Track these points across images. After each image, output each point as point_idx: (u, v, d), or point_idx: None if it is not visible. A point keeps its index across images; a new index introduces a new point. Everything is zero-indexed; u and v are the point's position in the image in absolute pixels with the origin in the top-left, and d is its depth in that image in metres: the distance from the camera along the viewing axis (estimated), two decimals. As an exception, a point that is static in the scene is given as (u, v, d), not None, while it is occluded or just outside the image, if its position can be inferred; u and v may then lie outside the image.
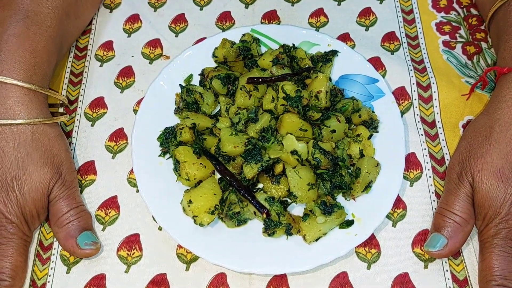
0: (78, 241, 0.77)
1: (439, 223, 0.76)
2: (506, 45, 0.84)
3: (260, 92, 0.85)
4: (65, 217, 0.78)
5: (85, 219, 0.80)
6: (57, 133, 0.83)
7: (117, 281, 0.77)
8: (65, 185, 0.80)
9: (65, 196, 0.79)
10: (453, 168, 0.79)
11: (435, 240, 0.75)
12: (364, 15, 1.02)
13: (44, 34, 0.84)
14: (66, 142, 0.85)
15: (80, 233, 0.78)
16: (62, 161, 0.81)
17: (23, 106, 0.79)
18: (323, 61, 0.90)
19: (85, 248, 0.77)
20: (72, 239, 0.77)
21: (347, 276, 0.76)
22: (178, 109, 0.88)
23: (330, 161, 0.78)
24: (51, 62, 0.86)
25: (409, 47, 0.97)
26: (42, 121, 0.80)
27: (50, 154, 0.79)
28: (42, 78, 0.83)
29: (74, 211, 0.79)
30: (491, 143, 0.76)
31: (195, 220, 0.77)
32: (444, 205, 0.77)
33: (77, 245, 0.77)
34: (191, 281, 0.77)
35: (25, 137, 0.78)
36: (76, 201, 0.80)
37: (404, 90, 0.92)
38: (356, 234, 0.76)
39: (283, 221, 0.76)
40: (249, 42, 0.91)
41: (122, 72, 0.97)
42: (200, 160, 0.81)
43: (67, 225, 0.78)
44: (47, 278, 0.78)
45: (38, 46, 0.83)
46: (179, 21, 1.03)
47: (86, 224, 0.80)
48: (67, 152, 0.83)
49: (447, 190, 0.78)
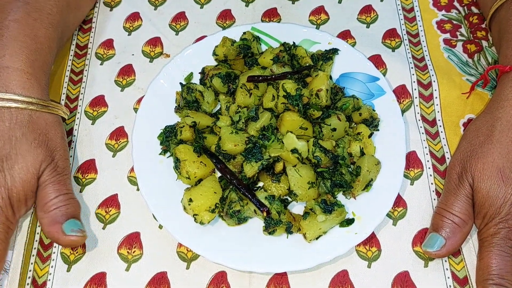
0: (64, 227, 0.74)
1: (437, 223, 0.76)
2: (509, 44, 0.84)
3: (261, 91, 0.85)
4: (52, 202, 0.75)
5: (74, 207, 0.77)
6: (55, 119, 0.82)
7: (117, 280, 0.78)
8: (57, 171, 0.78)
9: (55, 181, 0.77)
10: (454, 168, 0.79)
11: (433, 240, 0.75)
12: (365, 12, 1.01)
13: (44, 21, 0.84)
14: (64, 130, 0.84)
15: (67, 219, 0.75)
16: (56, 146, 0.79)
17: (23, 90, 0.79)
18: (324, 59, 0.90)
19: (71, 234, 0.74)
20: (57, 225, 0.74)
21: (348, 275, 0.77)
22: (179, 107, 0.88)
23: (330, 159, 0.78)
24: (52, 49, 0.86)
25: (410, 44, 0.97)
26: (40, 108, 0.79)
27: (45, 137, 0.78)
28: (43, 65, 0.83)
29: (63, 197, 0.77)
30: (493, 142, 0.76)
31: (195, 219, 0.77)
32: (443, 205, 0.77)
33: (62, 232, 0.74)
34: (191, 279, 0.77)
35: (22, 118, 0.77)
36: (66, 188, 0.78)
37: (405, 88, 0.92)
38: (356, 233, 0.76)
39: (283, 220, 0.76)
40: (249, 41, 0.91)
41: (122, 71, 0.97)
42: (200, 159, 0.81)
43: (54, 211, 0.75)
44: (47, 277, 0.78)
45: (38, 32, 0.83)
46: (180, 19, 1.03)
47: (74, 212, 0.77)
48: (63, 140, 0.82)
49: (447, 190, 0.78)
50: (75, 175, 0.86)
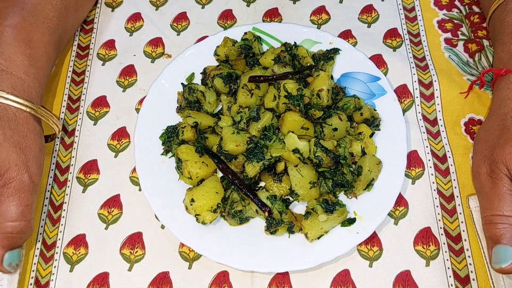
0: (5, 258, 0.72)
1: (494, 234, 0.69)
2: (504, 47, 0.83)
3: (262, 91, 0.85)
4: (9, 225, 0.72)
5: (25, 234, 0.75)
6: (38, 130, 0.79)
7: (120, 280, 0.78)
8: (26, 184, 0.74)
9: (21, 197, 0.73)
10: (480, 172, 0.74)
11: (501, 254, 0.67)
12: (366, 12, 1.02)
13: (41, 26, 0.84)
14: (43, 143, 0.81)
15: (11, 249, 0.73)
16: (32, 156, 0.76)
17: (13, 91, 0.77)
18: (325, 59, 0.90)
19: (6, 268, 0.73)
20: (1, 251, 0.72)
21: (349, 274, 0.77)
22: (180, 107, 0.88)
23: (332, 159, 0.78)
24: (49, 54, 0.86)
25: (411, 44, 0.97)
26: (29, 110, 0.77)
27: (23, 142, 0.75)
28: (38, 71, 0.82)
29: (21, 220, 0.73)
30: (510, 128, 0.73)
31: (197, 219, 0.77)
32: (489, 211, 0.70)
33: (1, 259, 0.72)
34: (193, 279, 0.77)
35: (5, 113, 0.75)
36: (29, 208, 0.74)
37: (406, 88, 0.92)
38: (358, 232, 0.76)
39: (285, 219, 0.76)
40: (250, 41, 0.91)
41: (124, 71, 0.97)
42: (202, 159, 0.81)
43: (6, 236, 0.72)
44: (50, 277, 0.78)
45: (33, 37, 0.82)
46: (181, 20, 1.03)
47: (22, 241, 0.75)
48: (41, 153, 0.79)
49: (485, 197, 0.72)
50: (78, 176, 0.86)
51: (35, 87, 0.81)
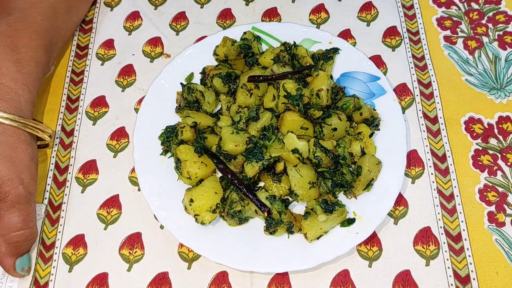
0: (17, 264, 0.75)
1: None
2: None
3: (261, 91, 0.85)
4: (15, 234, 0.74)
5: (32, 239, 0.78)
6: (27, 138, 0.79)
7: (119, 280, 0.78)
8: (23, 195, 0.75)
9: (21, 209, 0.75)
10: None
11: None
12: (365, 10, 1.01)
13: (28, 30, 0.83)
14: (35, 151, 0.80)
15: (21, 255, 0.77)
16: (24, 167, 0.76)
17: (3, 102, 0.77)
18: (324, 59, 0.90)
19: (20, 273, 0.76)
20: (13, 258, 0.75)
21: (349, 274, 0.77)
22: (179, 107, 0.88)
23: (331, 159, 0.78)
24: (38, 59, 0.84)
25: (411, 42, 0.97)
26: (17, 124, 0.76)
27: (13, 155, 0.75)
28: (26, 76, 0.81)
29: (26, 228, 0.75)
30: None
31: (196, 219, 0.77)
32: None
33: (14, 267, 0.75)
34: (193, 279, 0.77)
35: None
36: (30, 216, 0.76)
37: (406, 87, 0.92)
38: (357, 232, 0.76)
39: (284, 220, 0.76)
40: (250, 40, 0.91)
41: (123, 71, 0.97)
42: (201, 159, 0.81)
43: (14, 245, 0.75)
44: (49, 277, 0.78)
45: (20, 42, 0.81)
46: (180, 19, 1.03)
47: (30, 246, 0.78)
48: (32, 162, 0.78)
49: None
50: (77, 176, 0.86)
51: (24, 93, 0.80)
